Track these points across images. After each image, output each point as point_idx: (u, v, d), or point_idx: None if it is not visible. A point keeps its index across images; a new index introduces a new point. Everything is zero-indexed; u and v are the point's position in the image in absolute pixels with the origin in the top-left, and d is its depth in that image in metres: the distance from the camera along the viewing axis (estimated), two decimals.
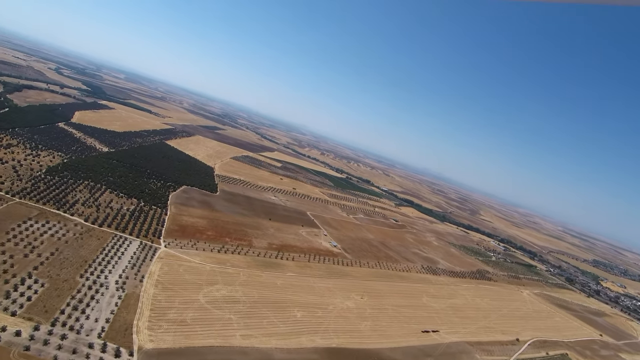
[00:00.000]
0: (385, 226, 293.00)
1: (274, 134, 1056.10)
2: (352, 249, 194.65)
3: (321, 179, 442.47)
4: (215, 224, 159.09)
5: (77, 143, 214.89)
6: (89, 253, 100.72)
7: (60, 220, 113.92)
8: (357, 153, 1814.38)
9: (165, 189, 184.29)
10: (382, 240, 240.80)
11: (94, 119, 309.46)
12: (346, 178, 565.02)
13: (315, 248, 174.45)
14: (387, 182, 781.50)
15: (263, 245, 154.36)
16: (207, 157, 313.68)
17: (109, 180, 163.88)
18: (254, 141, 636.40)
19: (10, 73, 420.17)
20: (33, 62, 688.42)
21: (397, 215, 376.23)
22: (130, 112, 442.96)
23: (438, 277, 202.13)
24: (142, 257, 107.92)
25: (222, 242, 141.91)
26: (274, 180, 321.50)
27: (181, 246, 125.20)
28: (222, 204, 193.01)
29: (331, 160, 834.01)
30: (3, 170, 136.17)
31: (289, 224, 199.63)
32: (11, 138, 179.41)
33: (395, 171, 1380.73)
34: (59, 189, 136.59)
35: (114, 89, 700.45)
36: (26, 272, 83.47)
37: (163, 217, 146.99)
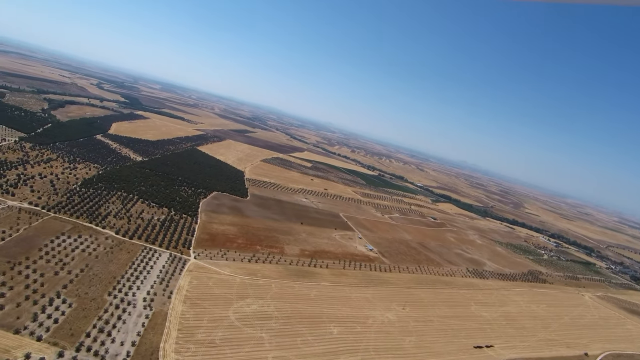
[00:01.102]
0: (423, 225, 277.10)
1: (303, 133, 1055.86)
2: (389, 252, 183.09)
3: (353, 177, 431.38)
4: (245, 231, 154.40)
5: (113, 154, 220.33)
6: (118, 268, 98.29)
7: (92, 233, 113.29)
8: (389, 148, 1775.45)
9: (196, 196, 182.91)
10: (420, 241, 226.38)
11: (129, 130, 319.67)
12: (378, 175, 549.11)
13: (350, 253, 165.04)
14: (421, 178, 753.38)
15: (295, 252, 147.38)
16: (237, 161, 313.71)
17: (140, 190, 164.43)
18: (284, 142, 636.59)
19: (55, 90, 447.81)
20: (77, 79, 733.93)
21: (434, 212, 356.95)
22: (164, 121, 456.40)
23: (486, 281, 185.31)
24: (171, 271, 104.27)
25: (252, 251, 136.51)
26: (305, 181, 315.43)
27: (211, 257, 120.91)
28: (253, 209, 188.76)
29: (362, 158, 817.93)
30: (41, 185, 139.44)
31: (322, 228, 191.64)
32: (51, 152, 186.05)
33: (430, 165, 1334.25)
34: (93, 201, 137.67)
35: (149, 99, 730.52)
36: (55, 291, 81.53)
37: (193, 225, 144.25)
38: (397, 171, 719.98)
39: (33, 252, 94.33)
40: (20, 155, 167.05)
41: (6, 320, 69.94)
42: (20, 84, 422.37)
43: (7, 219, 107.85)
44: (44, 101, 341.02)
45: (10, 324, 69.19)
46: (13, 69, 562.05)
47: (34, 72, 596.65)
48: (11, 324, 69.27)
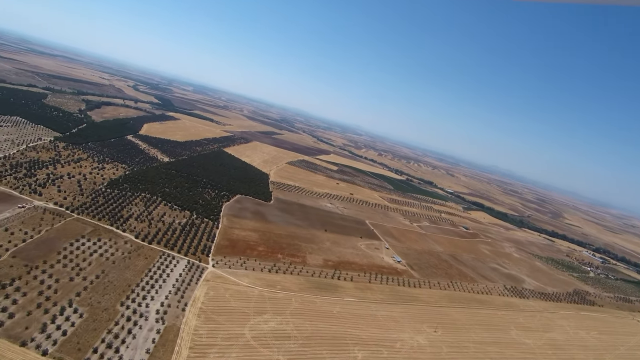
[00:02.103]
0: (454, 235, 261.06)
1: (330, 136, 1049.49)
2: (418, 264, 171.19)
3: (379, 181, 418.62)
4: (267, 238, 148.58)
5: (141, 154, 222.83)
6: (134, 275, 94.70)
7: (112, 237, 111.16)
8: (416, 152, 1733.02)
9: (219, 199, 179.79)
10: (452, 252, 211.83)
11: (159, 130, 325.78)
12: (406, 180, 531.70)
13: (377, 265, 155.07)
14: (451, 183, 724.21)
15: (318, 263, 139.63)
16: (262, 163, 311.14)
17: (164, 192, 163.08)
18: (310, 144, 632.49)
19: (94, 92, 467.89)
20: (115, 80, 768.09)
21: (466, 221, 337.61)
22: (194, 122, 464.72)
23: (526, 300, 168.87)
24: (188, 280, 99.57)
25: (273, 260, 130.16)
26: (330, 185, 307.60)
27: (230, 265, 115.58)
28: (276, 214, 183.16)
29: (389, 161, 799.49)
30: (69, 185, 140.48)
31: (347, 236, 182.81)
32: (82, 152, 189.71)
33: (460, 170, 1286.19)
34: (117, 203, 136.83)
35: (181, 101, 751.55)
36: (68, 299, 78.44)
37: (214, 230, 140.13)
38: (426, 176, 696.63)
39: (51, 256, 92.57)
40: (52, 155, 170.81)
41: (15, 330, 66.95)
42: (62, 85, 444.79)
43: (32, 219, 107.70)
44: (81, 102, 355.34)
45: (17, 334, 66.07)
46: (58, 71, 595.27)
47: (76, 75, 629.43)
48: (19, 334, 66.13)
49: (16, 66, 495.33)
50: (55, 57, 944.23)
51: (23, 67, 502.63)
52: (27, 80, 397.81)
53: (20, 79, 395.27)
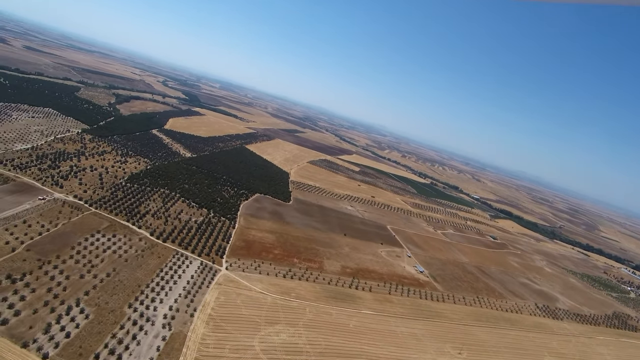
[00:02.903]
0: (481, 245, 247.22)
1: (353, 135, 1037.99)
2: (442, 276, 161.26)
3: (403, 184, 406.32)
4: (284, 240, 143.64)
5: (164, 149, 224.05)
6: (145, 275, 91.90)
7: (127, 233, 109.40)
8: (442, 155, 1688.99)
9: (238, 197, 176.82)
10: (479, 264, 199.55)
11: (184, 125, 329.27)
12: (431, 184, 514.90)
13: (398, 274, 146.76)
14: (478, 189, 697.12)
15: (336, 269, 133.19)
16: (283, 162, 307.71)
17: (183, 189, 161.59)
18: (333, 144, 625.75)
19: (124, 86, 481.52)
20: (146, 76, 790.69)
21: (494, 230, 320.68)
22: (218, 118, 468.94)
23: (560, 322, 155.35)
24: (199, 283, 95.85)
25: (289, 264, 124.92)
26: (351, 186, 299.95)
27: (243, 268, 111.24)
28: (294, 216, 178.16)
29: (413, 163, 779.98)
30: (90, 178, 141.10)
31: (367, 241, 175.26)
32: (107, 145, 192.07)
33: (487, 175, 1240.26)
34: (135, 198, 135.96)
35: (207, 97, 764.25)
36: (75, 298, 76.13)
37: (230, 230, 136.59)
38: (451, 180, 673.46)
39: (65, 251, 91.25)
40: (78, 147, 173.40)
41: (18, 329, 64.81)
42: (95, 79, 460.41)
43: (50, 212, 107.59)
44: (112, 96, 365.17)
45: (20, 334, 63.83)
46: (93, 66, 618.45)
47: (109, 69, 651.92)
48: (21, 334, 63.88)
49: (55, 60, 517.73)
50: (92, 53, 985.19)
51: (61, 62, 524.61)
52: (63, 74, 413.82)
53: (57, 73, 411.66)
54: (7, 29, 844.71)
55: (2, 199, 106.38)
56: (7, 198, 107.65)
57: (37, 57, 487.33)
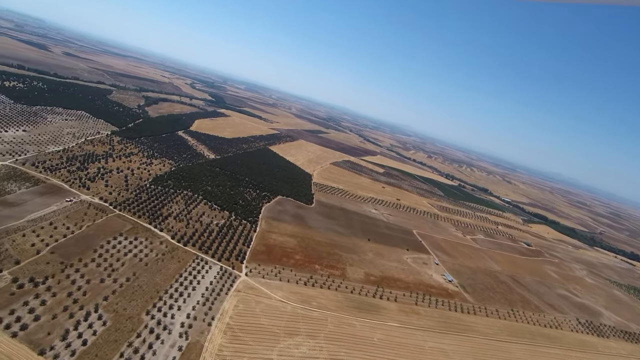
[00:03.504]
0: (514, 252, 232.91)
1: (377, 136, 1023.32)
2: (473, 286, 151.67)
3: (429, 187, 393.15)
4: (305, 245, 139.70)
5: (189, 150, 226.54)
6: (164, 280, 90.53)
7: (149, 236, 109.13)
8: (469, 155, 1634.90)
9: (260, 199, 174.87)
10: (512, 273, 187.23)
11: (209, 127, 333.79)
12: (458, 186, 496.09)
13: (425, 283, 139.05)
14: (509, 191, 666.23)
15: (359, 277, 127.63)
16: (306, 163, 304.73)
17: (206, 191, 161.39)
18: (356, 144, 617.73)
19: (153, 89, 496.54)
20: (175, 79, 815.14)
21: (528, 236, 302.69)
22: (243, 119, 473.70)
23: (606, 340, 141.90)
24: (218, 289, 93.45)
25: (310, 271, 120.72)
26: (376, 188, 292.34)
27: (263, 274, 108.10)
28: (316, 219, 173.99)
29: (440, 165, 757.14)
30: (116, 180, 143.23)
31: (392, 247, 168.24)
32: (135, 146, 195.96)
33: (517, 177, 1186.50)
34: (158, 200, 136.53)
35: (233, 98, 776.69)
36: (94, 303, 75.39)
37: (251, 234, 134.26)
38: (480, 182, 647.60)
39: (88, 254, 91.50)
40: (107, 149, 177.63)
41: (37, 335, 64.28)
42: (127, 82, 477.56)
43: (76, 214, 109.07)
44: (141, 98, 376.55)
45: (38, 340, 63.21)
46: (126, 70, 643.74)
47: (141, 73, 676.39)
48: (39, 341, 63.24)
49: (90, 65, 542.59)
50: (126, 58, 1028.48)
51: (96, 66, 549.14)
52: (97, 78, 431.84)
53: (92, 77, 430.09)
54: (48, 36, 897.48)
55: (32, 200, 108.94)
56: (36, 200, 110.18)
57: (74, 63, 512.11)
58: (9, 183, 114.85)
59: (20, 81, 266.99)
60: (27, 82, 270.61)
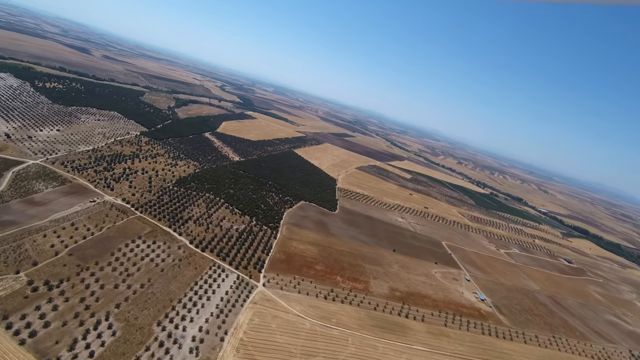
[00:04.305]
0: (553, 270, 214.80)
1: (405, 140, 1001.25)
2: (508, 307, 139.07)
3: (459, 194, 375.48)
4: (327, 254, 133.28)
5: (214, 152, 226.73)
6: (178, 288, 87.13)
7: (167, 240, 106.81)
8: (501, 162, 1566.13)
9: (282, 204, 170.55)
10: (552, 294, 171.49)
11: (236, 128, 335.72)
12: (490, 194, 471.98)
13: (455, 302, 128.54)
14: (545, 201, 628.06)
15: (383, 292, 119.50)
16: (331, 167, 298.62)
17: (228, 194, 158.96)
18: (383, 149, 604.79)
19: (184, 91, 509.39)
20: (205, 81, 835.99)
21: (567, 251, 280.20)
22: (269, 121, 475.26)
23: None
24: (233, 300, 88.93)
25: (331, 283, 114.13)
26: (402, 195, 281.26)
27: (282, 286, 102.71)
28: (340, 226, 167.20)
29: (470, 171, 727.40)
30: (140, 181, 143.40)
31: (419, 259, 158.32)
32: (161, 147, 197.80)
33: (554, 186, 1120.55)
34: (180, 202, 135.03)
35: (261, 101, 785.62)
36: (106, 311, 72.75)
37: (271, 241, 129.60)
38: (513, 190, 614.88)
39: (105, 257, 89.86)
40: (134, 149, 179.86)
41: (44, 344, 61.92)
42: (160, 84, 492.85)
43: (98, 215, 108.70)
44: (172, 100, 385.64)
45: (45, 350, 60.75)
46: (160, 72, 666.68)
47: (173, 75, 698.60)
48: (46, 350, 60.77)
49: (126, 68, 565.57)
50: (160, 61, 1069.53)
51: (131, 69, 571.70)
52: (132, 80, 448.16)
53: (127, 79, 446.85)
54: (91, 40, 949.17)
55: (56, 200, 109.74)
56: (61, 199, 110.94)
57: (112, 65, 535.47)
58: (38, 182, 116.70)
59: (60, 82, 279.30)
60: (66, 84, 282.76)
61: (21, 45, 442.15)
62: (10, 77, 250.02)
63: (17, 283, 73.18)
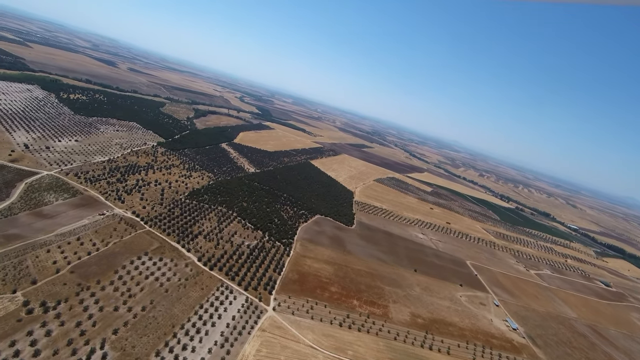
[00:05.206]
0: (590, 294, 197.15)
1: (424, 151, 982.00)
2: (544, 338, 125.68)
3: (482, 209, 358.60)
4: (343, 274, 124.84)
5: (229, 163, 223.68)
6: (182, 312, 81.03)
7: (174, 257, 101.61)
8: (525, 174, 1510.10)
9: (297, 218, 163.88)
10: (591, 322, 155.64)
11: (253, 139, 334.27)
12: (516, 209, 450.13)
13: (483, 331, 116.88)
14: (574, 217, 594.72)
15: (404, 318, 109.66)
16: (348, 179, 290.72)
17: (241, 207, 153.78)
18: (402, 160, 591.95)
19: (204, 102, 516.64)
20: (225, 92, 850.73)
21: (604, 273, 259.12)
22: (287, 132, 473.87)
23: None
24: (240, 327, 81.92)
25: (347, 307, 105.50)
26: (423, 209, 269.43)
27: (293, 310, 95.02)
28: (356, 243, 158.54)
29: (493, 184, 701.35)
30: (152, 193, 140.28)
31: (442, 281, 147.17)
32: (177, 158, 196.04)
33: (583, 200, 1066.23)
34: (191, 216, 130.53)
35: (279, 112, 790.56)
36: (102, 338, 67.21)
37: (284, 258, 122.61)
38: (540, 205, 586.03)
39: (108, 275, 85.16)
40: (149, 160, 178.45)
41: None
42: (181, 96, 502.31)
43: (106, 229, 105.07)
44: (191, 110, 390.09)
45: None
46: (181, 84, 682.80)
47: (194, 87, 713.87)
48: None
49: (150, 79, 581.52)
50: (183, 73, 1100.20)
51: (154, 81, 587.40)
52: (154, 91, 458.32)
53: (149, 90, 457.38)
54: (119, 54, 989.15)
55: (65, 213, 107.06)
56: (70, 212, 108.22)
57: (136, 77, 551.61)
58: (49, 193, 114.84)
59: (84, 94, 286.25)
60: (90, 95, 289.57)
61: (53, 59, 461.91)
62: (38, 89, 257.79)
63: (12, 304, 68.95)
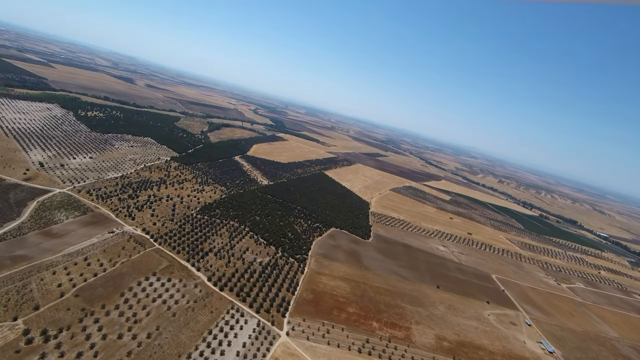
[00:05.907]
0: (630, 310, 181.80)
1: (440, 158, 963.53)
2: None
3: (504, 217, 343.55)
4: (361, 292, 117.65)
5: (242, 176, 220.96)
6: (190, 339, 75.95)
7: (183, 277, 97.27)
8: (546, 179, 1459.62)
9: (311, 232, 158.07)
10: (636, 343, 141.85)
11: (266, 151, 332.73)
12: (540, 216, 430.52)
13: (517, 355, 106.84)
14: (603, 224, 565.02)
15: (428, 341, 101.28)
16: (363, 189, 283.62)
17: (254, 221, 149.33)
18: (418, 168, 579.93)
19: (218, 115, 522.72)
20: (240, 105, 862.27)
21: None
22: (300, 143, 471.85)
23: None
24: (252, 355, 76.15)
25: (367, 330, 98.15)
26: (442, 219, 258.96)
27: (308, 335, 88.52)
28: (374, 257, 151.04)
29: (513, 190, 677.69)
30: (163, 209, 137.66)
31: (467, 298, 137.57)
32: (190, 172, 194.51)
33: (609, 205, 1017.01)
34: (202, 232, 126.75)
35: (292, 123, 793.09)
36: None
37: (298, 276, 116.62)
38: (565, 212, 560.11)
39: (113, 298, 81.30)
40: (162, 175, 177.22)
41: None
42: (196, 110, 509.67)
43: (114, 247, 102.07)
44: (206, 124, 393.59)
45: None
46: (197, 98, 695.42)
47: (209, 101, 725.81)
48: None
49: (166, 95, 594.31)
50: (199, 87, 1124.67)
51: (170, 96, 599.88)
52: (170, 106, 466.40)
53: (165, 105, 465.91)
54: (137, 72, 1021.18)
55: (75, 231, 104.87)
56: (79, 230, 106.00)
57: (152, 93, 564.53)
58: (59, 212, 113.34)
59: (101, 111, 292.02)
60: (107, 112, 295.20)
61: (74, 78, 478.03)
62: (57, 108, 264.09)
63: (12, 333, 65.51)
